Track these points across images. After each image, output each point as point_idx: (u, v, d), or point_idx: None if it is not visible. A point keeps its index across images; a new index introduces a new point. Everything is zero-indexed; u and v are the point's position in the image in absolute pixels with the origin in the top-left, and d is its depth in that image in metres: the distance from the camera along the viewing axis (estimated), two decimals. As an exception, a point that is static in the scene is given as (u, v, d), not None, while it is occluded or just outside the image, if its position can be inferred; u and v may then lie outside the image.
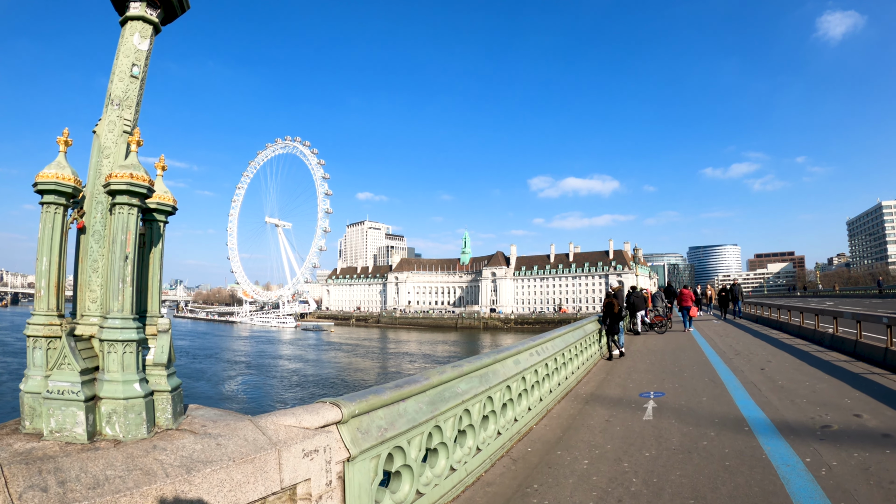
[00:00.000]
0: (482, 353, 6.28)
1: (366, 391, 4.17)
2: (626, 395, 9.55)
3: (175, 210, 3.95)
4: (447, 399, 5.02)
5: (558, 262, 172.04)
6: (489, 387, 5.95)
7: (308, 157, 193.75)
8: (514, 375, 6.80)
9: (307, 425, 3.54)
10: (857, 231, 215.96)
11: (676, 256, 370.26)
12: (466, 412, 5.45)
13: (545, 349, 8.56)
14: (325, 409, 3.70)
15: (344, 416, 3.76)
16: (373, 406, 4.06)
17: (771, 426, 6.98)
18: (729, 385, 9.80)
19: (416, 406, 4.55)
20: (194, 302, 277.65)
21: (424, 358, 71.40)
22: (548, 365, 8.57)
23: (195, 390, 42.70)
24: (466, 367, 5.50)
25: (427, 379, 4.78)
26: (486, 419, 6.12)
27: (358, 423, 3.92)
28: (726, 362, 12.73)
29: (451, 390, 5.15)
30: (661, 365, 12.98)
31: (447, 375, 5.10)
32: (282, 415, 3.52)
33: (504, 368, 6.56)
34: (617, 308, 14.93)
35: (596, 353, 14.42)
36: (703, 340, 18.28)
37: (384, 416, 4.18)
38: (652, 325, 23.19)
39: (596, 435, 7.12)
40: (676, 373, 11.64)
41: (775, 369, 11.37)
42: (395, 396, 4.32)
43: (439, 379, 4.94)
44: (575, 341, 10.91)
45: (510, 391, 6.75)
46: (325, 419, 3.66)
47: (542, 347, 8.44)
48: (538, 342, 8.27)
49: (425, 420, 4.61)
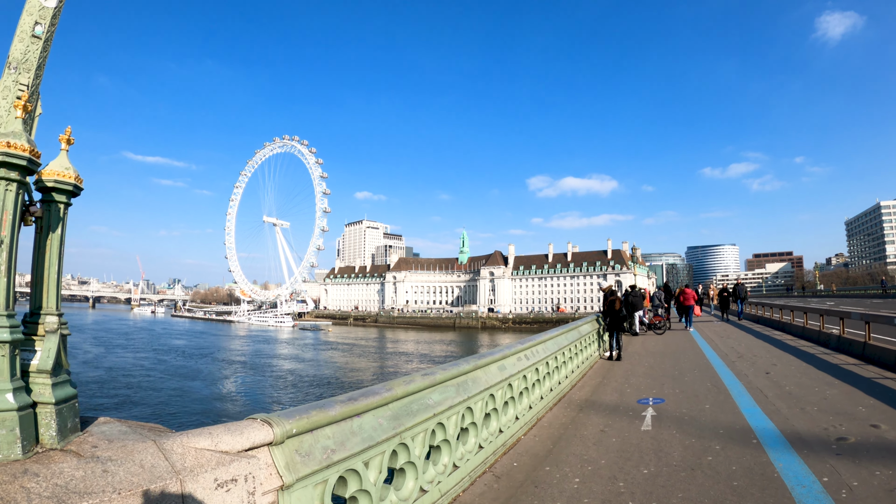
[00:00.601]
0: (461, 359, 5.62)
1: (308, 406, 3.52)
2: (623, 402, 8.91)
3: (79, 190, 3.30)
4: (415, 412, 4.36)
5: (556, 262, 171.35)
6: (468, 396, 5.29)
7: (306, 157, 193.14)
8: (498, 383, 6.15)
9: (226, 448, 2.89)
10: (855, 231, 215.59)
11: (675, 256, 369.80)
12: (440, 426, 4.80)
13: (535, 353, 7.91)
14: (252, 429, 3.05)
15: (276, 436, 3.11)
16: (316, 423, 3.41)
17: (781, 438, 6.33)
18: (733, 390, 9.16)
19: (374, 422, 3.90)
20: (192, 301, 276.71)
21: (421, 357, 70.77)
22: (538, 370, 7.92)
23: (190, 390, 42.19)
24: (440, 376, 4.84)
25: (389, 390, 4.13)
26: (465, 432, 5.48)
27: (297, 444, 3.27)
28: (729, 365, 12.10)
29: (420, 402, 4.49)
30: (661, 368, 12.35)
31: (415, 385, 4.44)
32: (195, 435, 2.87)
33: (487, 375, 5.90)
34: (619, 306, 14.31)
35: (593, 355, 13.79)
36: (704, 342, 17.65)
37: (332, 435, 3.53)
38: (651, 325, 22.57)
39: (589, 447, 6.47)
40: (677, 377, 10.99)
41: (781, 373, 10.73)
42: (347, 412, 3.67)
43: (405, 390, 4.28)
44: (569, 343, 10.26)
45: (494, 400, 6.10)
46: (252, 440, 3.02)
47: (532, 351, 7.79)
48: (527, 345, 7.61)
49: (387, 437, 3.95)
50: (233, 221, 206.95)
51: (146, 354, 65.67)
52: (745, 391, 9.06)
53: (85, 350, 67.22)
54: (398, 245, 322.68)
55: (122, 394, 39.45)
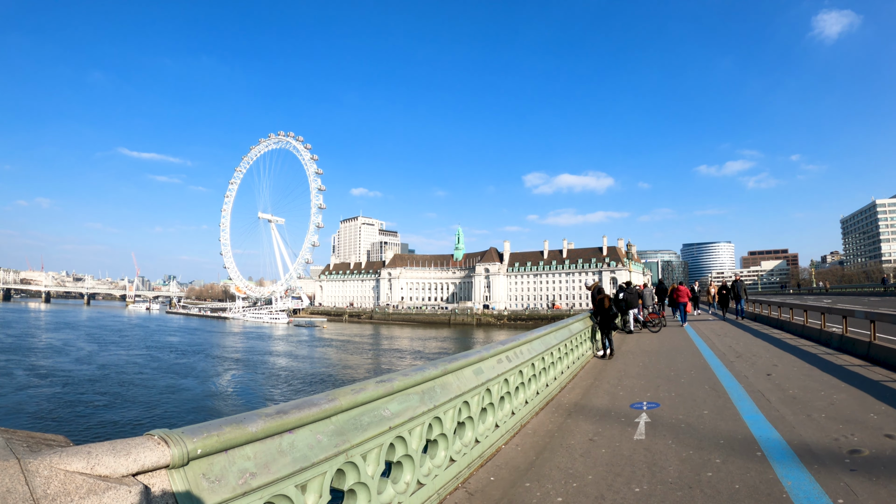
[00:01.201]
0: (429, 363, 4.96)
1: (222, 420, 2.86)
2: (614, 406, 8.27)
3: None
4: (366, 426, 3.71)
5: (552, 259, 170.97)
6: (436, 405, 4.63)
7: (301, 153, 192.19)
8: (474, 388, 5.50)
9: (105, 472, 2.24)
10: (850, 229, 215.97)
11: (670, 253, 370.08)
12: (400, 440, 4.14)
13: (519, 353, 7.25)
14: (143, 448, 2.40)
15: (175, 457, 2.47)
16: (232, 442, 2.76)
17: (788, 450, 5.71)
18: (733, 394, 8.54)
19: (310, 438, 3.24)
20: (187, 298, 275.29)
21: (414, 354, 70.21)
22: (522, 372, 7.27)
23: (181, 388, 41.75)
24: (399, 383, 4.17)
25: (332, 401, 3.46)
26: (433, 444, 4.83)
27: (204, 466, 2.62)
28: (727, 366, 11.48)
29: (372, 414, 3.83)
30: (656, 368, 11.72)
31: (367, 395, 3.77)
32: (70, 454, 2.21)
33: (459, 381, 5.24)
34: (608, 304, 13.71)
35: (586, 354, 13.17)
36: (701, 340, 17.06)
37: (254, 456, 2.88)
38: (645, 323, 22.00)
39: (576, 459, 5.83)
40: (672, 378, 10.37)
41: (783, 375, 10.12)
42: (275, 427, 3.01)
43: (352, 400, 3.62)
44: (558, 343, 9.61)
45: (469, 407, 5.44)
46: (141, 463, 2.37)
47: (516, 352, 7.14)
48: (510, 346, 6.95)
49: (328, 456, 3.30)
50: (228, 218, 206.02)
51: (139, 351, 65.12)
52: (745, 395, 8.44)
53: (78, 347, 66.72)
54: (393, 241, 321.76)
55: (113, 391, 39.02)
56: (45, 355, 58.28)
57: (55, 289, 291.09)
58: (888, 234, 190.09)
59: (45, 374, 45.41)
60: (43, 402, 34.07)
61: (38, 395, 36.60)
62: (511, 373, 6.74)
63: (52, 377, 43.66)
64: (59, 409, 32.53)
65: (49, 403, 33.78)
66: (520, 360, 7.11)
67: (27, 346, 65.97)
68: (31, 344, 69.19)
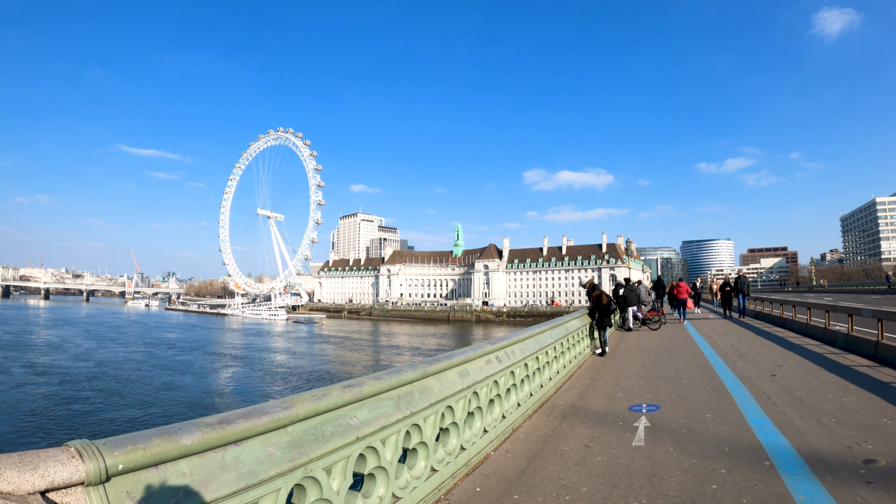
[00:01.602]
0: (407, 365, 4.52)
1: (152, 431, 2.44)
2: (612, 408, 7.84)
3: None
4: (328, 437, 3.28)
5: (551, 256, 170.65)
6: (414, 412, 4.20)
7: (300, 149, 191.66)
8: (459, 392, 5.07)
9: (8, 488, 1.89)
10: (850, 227, 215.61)
11: (670, 250, 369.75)
12: (371, 450, 3.72)
13: (511, 353, 6.82)
14: (54, 461, 2.01)
15: (90, 473, 2.07)
16: (161, 456, 2.35)
17: (798, 459, 5.28)
18: (737, 396, 8.12)
19: (260, 451, 2.81)
20: (186, 294, 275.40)
21: (412, 351, 69.89)
22: (514, 373, 6.84)
23: (179, 384, 41.59)
24: (370, 388, 3.73)
25: (288, 409, 3.02)
26: (412, 453, 4.41)
27: (129, 483, 2.23)
28: (730, 366, 11.06)
29: (337, 423, 3.40)
30: (656, 368, 11.30)
31: (329, 402, 3.33)
32: None
33: (442, 384, 4.80)
34: (605, 300, 13.31)
35: (584, 352, 12.75)
36: (702, 339, 16.65)
37: (190, 471, 2.46)
38: (645, 320, 21.59)
39: (570, 468, 5.41)
40: (673, 378, 9.95)
41: (789, 376, 9.70)
42: (215, 439, 2.59)
43: (312, 408, 3.18)
44: (553, 342, 9.18)
45: (453, 412, 5.01)
46: (51, 479, 1.98)
47: (507, 352, 6.69)
48: (500, 345, 6.51)
49: (282, 472, 2.87)
50: (227, 214, 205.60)
51: (137, 348, 64.98)
52: (750, 397, 8.02)
53: (76, 344, 66.67)
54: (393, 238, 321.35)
55: (110, 387, 38.92)
56: (42, 352, 58.12)
57: (54, 285, 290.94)
58: (888, 233, 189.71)
59: (43, 371, 45.28)
60: (39, 400, 33.88)
61: (35, 392, 36.36)
62: (501, 374, 6.31)
63: (49, 374, 43.50)
64: (55, 406, 32.32)
65: (45, 401, 33.59)
66: (511, 361, 6.68)
67: (25, 343, 65.81)
68: (29, 341, 69.02)
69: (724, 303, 26.71)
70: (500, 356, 6.37)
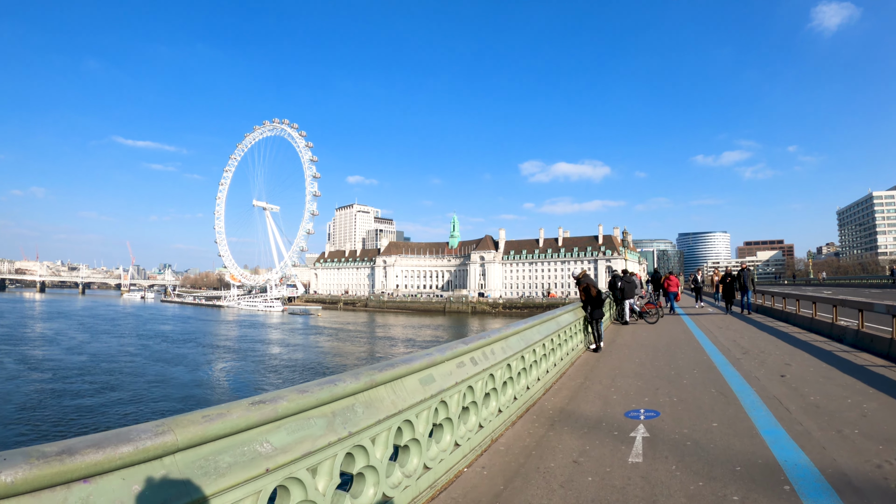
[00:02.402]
0: (350, 372, 3.64)
1: None
2: (606, 414, 7.01)
3: None
4: (226, 469, 2.38)
5: (547, 247, 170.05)
6: (356, 430, 3.34)
7: (296, 140, 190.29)
8: (419, 403, 4.21)
9: None
10: (847, 221, 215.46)
11: (666, 243, 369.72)
12: (295, 482, 2.87)
13: (490, 354, 5.96)
14: None
15: None
16: None
17: (822, 482, 4.46)
18: (745, 400, 7.29)
19: (119, 491, 2.02)
20: (182, 286, 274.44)
21: (407, 342, 69.25)
22: (495, 376, 5.99)
23: (171, 376, 41.18)
24: (290, 404, 2.78)
25: (162, 434, 2.13)
26: (359, 478, 3.57)
27: None
28: (734, 364, 10.25)
29: (239, 451, 2.49)
30: (654, 366, 10.47)
31: (227, 423, 2.40)
32: None
33: (396, 395, 3.94)
34: (595, 292, 12.50)
35: (578, 347, 11.93)
36: (702, 334, 15.85)
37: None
38: (642, 313, 20.82)
39: (554, 492, 4.58)
40: (673, 378, 9.12)
41: (799, 376, 8.88)
42: (54, 475, 1.84)
43: (200, 432, 2.26)
44: (542, 338, 8.33)
45: (413, 428, 4.15)
46: None
47: (485, 352, 5.83)
48: (476, 345, 5.62)
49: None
50: (222, 206, 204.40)
51: (130, 340, 64.59)
52: (760, 402, 7.19)
53: (70, 336, 66.37)
54: (389, 229, 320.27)
55: (102, 380, 38.55)
56: (35, 345, 57.77)
57: (50, 278, 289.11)
58: (884, 226, 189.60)
59: (35, 364, 44.98)
60: (32, 394, 33.51)
61: (26, 386, 36.05)
62: (478, 378, 5.46)
63: (40, 367, 43.19)
64: (45, 399, 31.96)
65: (38, 395, 33.23)
66: (491, 362, 5.82)
67: (18, 336, 65.47)
68: (23, 334, 68.71)
69: (726, 297, 24.16)
70: (476, 357, 5.50)
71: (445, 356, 4.79)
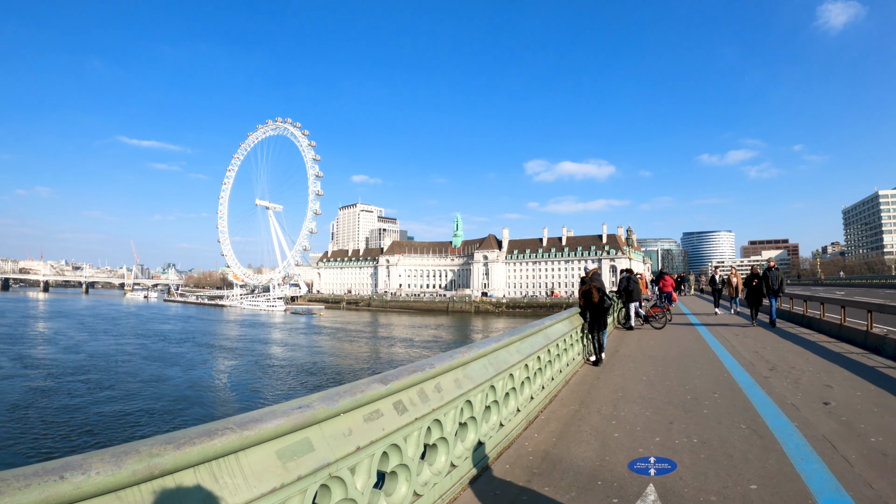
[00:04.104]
0: (138, 443, 1.94)
1: None
2: (604, 463, 5.23)
3: None
4: None
5: (551, 246, 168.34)
6: None
7: (299, 139, 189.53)
8: (276, 491, 2.53)
9: None
10: (852, 220, 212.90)
11: (670, 242, 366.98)
12: None
13: (434, 393, 4.15)
14: None
15: None
16: None
17: None
18: (787, 443, 5.49)
19: None
20: (185, 286, 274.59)
21: (404, 342, 67.75)
22: (442, 422, 4.18)
23: (167, 376, 40.33)
24: None
25: None
26: None
27: None
28: (761, 384, 8.45)
29: None
30: (665, 387, 8.66)
31: None
32: None
33: (234, 486, 2.25)
34: (597, 298, 10.72)
35: (574, 360, 10.17)
36: (715, 341, 14.06)
37: None
38: (647, 317, 19.08)
39: None
40: (690, 406, 7.31)
41: (847, 405, 7.03)
42: None
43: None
44: (522, 359, 6.45)
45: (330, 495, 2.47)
46: None
47: (424, 390, 4.00)
48: (408, 381, 3.72)
49: None
50: (225, 205, 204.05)
51: (129, 340, 64.01)
52: (806, 446, 5.40)
53: (68, 336, 65.94)
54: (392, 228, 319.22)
55: (95, 378, 38.03)
56: (33, 344, 57.33)
57: (54, 278, 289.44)
58: (890, 226, 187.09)
59: (31, 363, 44.67)
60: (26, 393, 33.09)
61: (19, 384, 35.72)
62: (410, 430, 3.71)
63: (37, 367, 42.84)
64: (38, 399, 31.42)
65: (31, 394, 32.76)
66: (433, 406, 4.02)
67: (18, 335, 65.03)
68: (23, 333, 68.25)
69: (751, 301, 18.96)
70: (405, 402, 3.70)
71: (335, 409, 2.83)
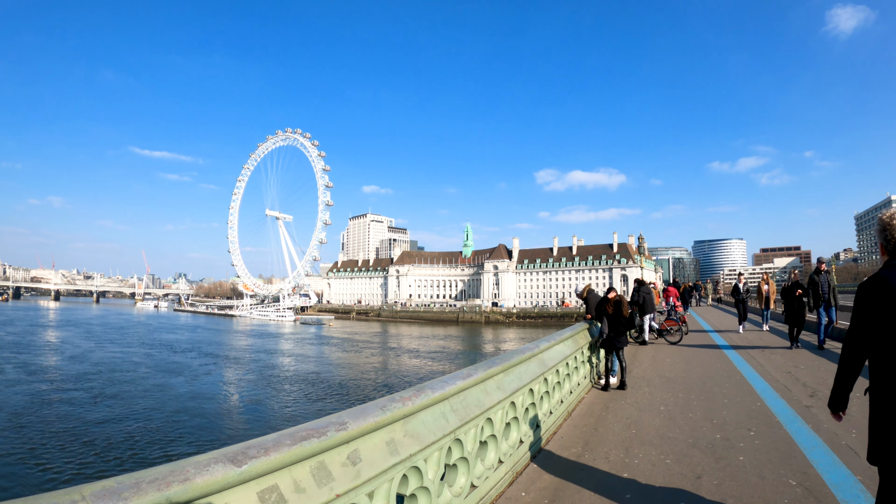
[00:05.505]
0: None
1: None
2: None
3: None
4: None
5: (561, 256, 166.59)
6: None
7: (308, 149, 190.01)
8: None
9: None
10: (865, 225, 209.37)
11: (681, 250, 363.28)
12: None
13: (365, 458, 2.92)
14: None
15: None
16: None
17: None
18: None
19: None
20: (195, 295, 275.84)
21: (412, 353, 66.47)
22: (374, 496, 2.96)
23: (170, 386, 39.69)
24: None
25: None
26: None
27: None
28: (804, 416, 6.98)
29: None
30: (687, 420, 7.21)
31: None
32: None
33: None
34: (627, 312, 9.35)
35: (579, 386, 8.81)
36: (740, 359, 12.58)
37: None
38: (661, 331, 17.63)
39: None
40: (720, 450, 5.83)
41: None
42: None
43: None
44: (506, 397, 5.09)
45: None
46: None
47: (355, 451, 2.80)
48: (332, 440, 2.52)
49: None
50: (235, 215, 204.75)
51: (136, 349, 63.60)
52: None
53: (75, 345, 65.47)
54: (402, 238, 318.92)
55: (97, 387, 37.62)
56: (39, 353, 57.04)
57: (65, 287, 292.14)
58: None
59: (36, 370, 44.52)
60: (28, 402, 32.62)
61: (22, 392, 35.53)
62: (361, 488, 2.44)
63: (41, 375, 42.59)
64: (38, 409, 30.90)
65: (33, 403, 32.36)
66: (364, 477, 2.81)
67: (25, 343, 64.88)
68: (30, 341, 68.05)
69: (792, 319, 14.60)
70: (287, 490, 2.45)
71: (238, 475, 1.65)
